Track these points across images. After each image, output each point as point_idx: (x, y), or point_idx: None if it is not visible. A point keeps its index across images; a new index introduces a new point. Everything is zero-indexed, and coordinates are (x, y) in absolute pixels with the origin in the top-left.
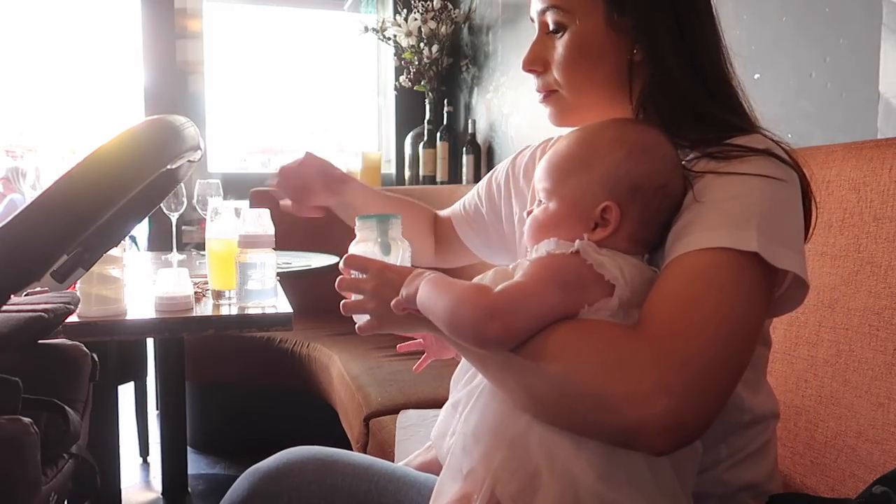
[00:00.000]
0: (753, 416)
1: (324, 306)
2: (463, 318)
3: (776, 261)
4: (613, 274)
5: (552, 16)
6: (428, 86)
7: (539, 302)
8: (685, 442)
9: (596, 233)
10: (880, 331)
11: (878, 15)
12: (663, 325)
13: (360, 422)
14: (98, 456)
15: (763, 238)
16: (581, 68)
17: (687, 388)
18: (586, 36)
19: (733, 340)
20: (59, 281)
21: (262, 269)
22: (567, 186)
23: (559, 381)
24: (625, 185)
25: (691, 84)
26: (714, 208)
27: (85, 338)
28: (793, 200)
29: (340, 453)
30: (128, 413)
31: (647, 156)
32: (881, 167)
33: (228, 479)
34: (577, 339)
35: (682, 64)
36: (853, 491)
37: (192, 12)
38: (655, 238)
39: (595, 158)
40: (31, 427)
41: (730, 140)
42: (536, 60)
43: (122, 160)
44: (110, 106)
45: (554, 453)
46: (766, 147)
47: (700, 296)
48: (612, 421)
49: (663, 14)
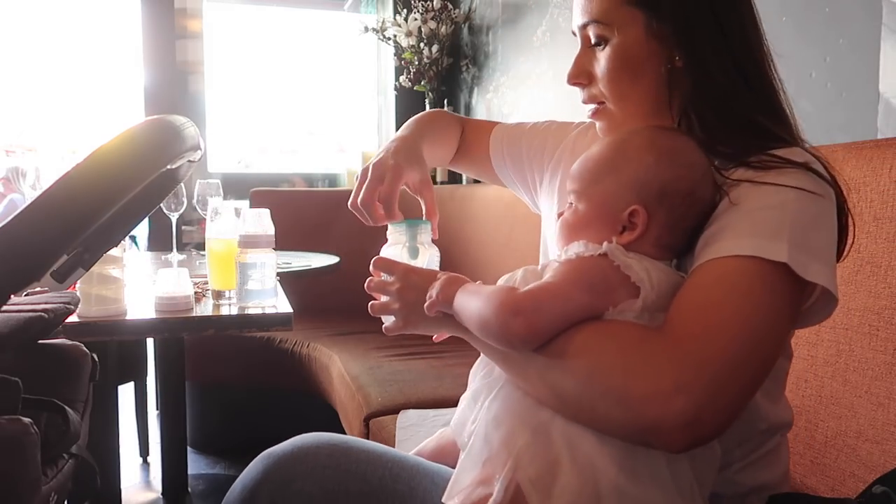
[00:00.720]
0: (770, 424)
1: (324, 306)
2: (490, 317)
3: (806, 273)
4: (640, 276)
5: (594, 30)
6: (428, 86)
7: (564, 302)
8: (701, 441)
9: (623, 236)
10: (880, 331)
11: (878, 15)
12: (685, 327)
13: (360, 422)
14: (98, 456)
15: (794, 250)
16: (625, 79)
17: (704, 387)
18: (627, 47)
19: (753, 345)
20: (59, 281)
21: (262, 269)
22: (596, 189)
23: (581, 379)
24: (653, 190)
25: (734, 87)
26: (747, 216)
27: (85, 338)
28: (827, 215)
29: (354, 440)
30: (128, 413)
31: (675, 161)
32: (881, 167)
33: (228, 479)
34: (600, 338)
35: (724, 67)
36: (853, 491)
37: (192, 12)
38: (681, 243)
39: (624, 163)
40: (31, 427)
41: (770, 151)
42: (581, 73)
43: (122, 160)
44: (110, 106)
45: (576, 444)
46: (805, 161)
47: (722, 300)
48: (631, 419)
49: (702, 18)
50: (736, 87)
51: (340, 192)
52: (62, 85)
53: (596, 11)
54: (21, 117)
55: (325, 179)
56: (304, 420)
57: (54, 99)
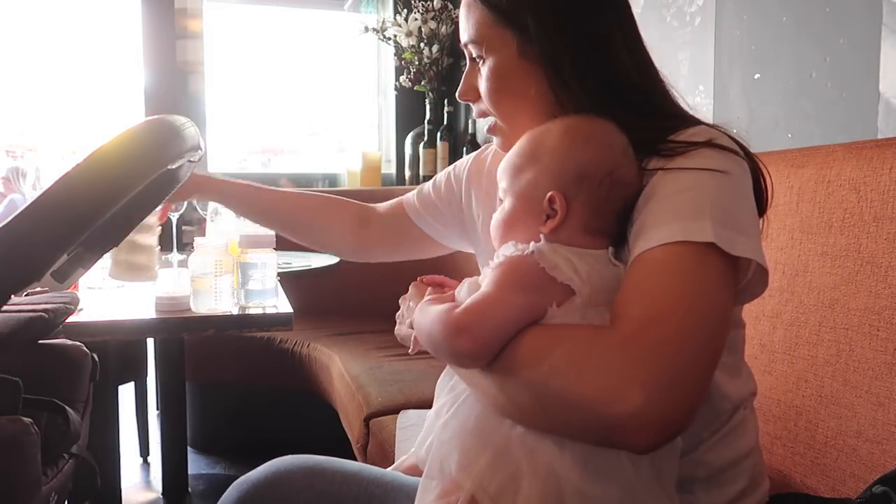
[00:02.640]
0: (732, 402)
1: (324, 306)
2: (438, 339)
3: (733, 248)
4: (567, 275)
5: (472, 49)
6: (428, 86)
7: (504, 308)
8: (669, 436)
9: (547, 224)
10: (880, 331)
11: (878, 15)
12: (631, 322)
13: (360, 422)
14: (98, 456)
15: (718, 227)
16: (504, 98)
17: (659, 379)
18: (501, 67)
19: (702, 329)
20: (59, 281)
21: (263, 269)
22: (519, 183)
23: (537, 390)
24: (570, 174)
25: (603, 100)
26: (667, 203)
27: (85, 338)
28: (742, 188)
29: (330, 460)
30: (128, 413)
31: (592, 144)
32: (881, 167)
33: (228, 479)
34: (548, 344)
35: (587, 83)
36: (853, 491)
37: (192, 12)
38: (613, 227)
39: (541, 152)
40: (31, 427)
41: (675, 135)
42: (469, 91)
43: (122, 160)
44: (110, 106)
45: (536, 452)
46: (708, 138)
47: (661, 289)
48: (592, 422)
49: (564, 39)
50: (604, 99)
51: (340, 192)
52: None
53: (471, 32)
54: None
55: (325, 179)
56: (304, 420)
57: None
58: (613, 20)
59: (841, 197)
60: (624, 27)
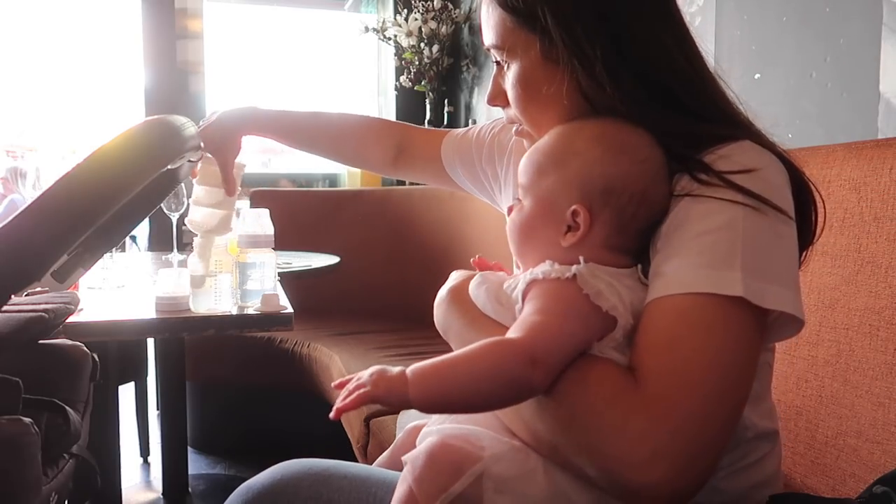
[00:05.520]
0: (756, 432)
1: (324, 306)
2: (507, 377)
3: (763, 301)
4: (612, 303)
5: (495, 54)
6: (428, 86)
7: (568, 338)
8: (684, 500)
9: (567, 237)
10: (880, 331)
11: (878, 15)
12: (656, 383)
13: (360, 422)
14: (98, 456)
15: (748, 278)
16: (531, 103)
17: (682, 453)
18: (525, 71)
19: (728, 394)
20: (60, 281)
21: (262, 269)
22: (541, 185)
23: (557, 428)
24: (597, 187)
25: (642, 101)
26: (695, 242)
27: (85, 338)
28: (779, 227)
29: (336, 465)
30: (128, 413)
31: (624, 157)
32: (881, 167)
33: (229, 479)
34: (578, 386)
35: (624, 84)
36: (854, 491)
37: (192, 12)
38: (634, 244)
39: (570, 156)
40: (31, 427)
41: (715, 150)
42: (497, 95)
43: (122, 160)
44: (110, 106)
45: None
46: (750, 167)
47: (690, 349)
48: (608, 480)
49: (592, 36)
50: (644, 99)
51: (340, 192)
52: (62, 85)
53: (491, 36)
54: (21, 117)
55: (325, 179)
56: (305, 420)
57: (54, 99)
58: (647, 8)
59: (841, 197)
60: (664, 16)
